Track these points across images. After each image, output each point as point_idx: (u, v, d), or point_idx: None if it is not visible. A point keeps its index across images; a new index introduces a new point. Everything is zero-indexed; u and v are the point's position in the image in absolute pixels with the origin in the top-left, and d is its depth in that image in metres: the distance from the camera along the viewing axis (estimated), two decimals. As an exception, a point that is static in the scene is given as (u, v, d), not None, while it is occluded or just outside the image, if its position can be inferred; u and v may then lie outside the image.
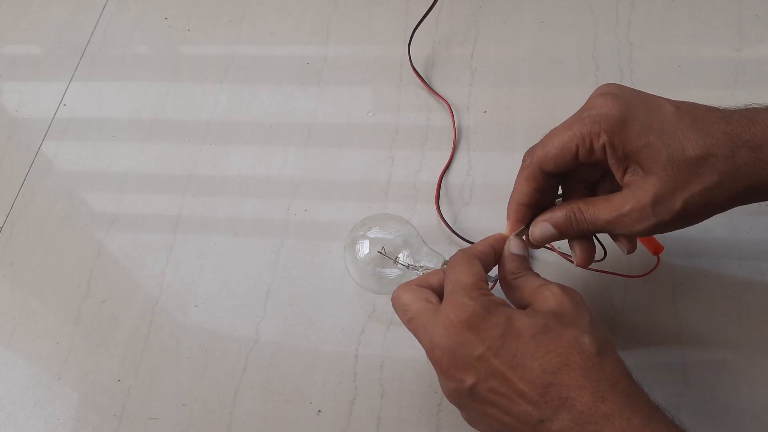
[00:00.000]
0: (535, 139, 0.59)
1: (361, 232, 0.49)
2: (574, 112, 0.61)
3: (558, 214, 0.42)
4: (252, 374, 0.50)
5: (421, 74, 0.63)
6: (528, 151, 0.42)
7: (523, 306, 0.40)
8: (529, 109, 0.60)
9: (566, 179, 0.44)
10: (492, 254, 0.42)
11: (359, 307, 0.52)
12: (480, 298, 0.37)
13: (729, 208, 0.40)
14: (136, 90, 0.66)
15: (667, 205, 0.38)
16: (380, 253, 0.47)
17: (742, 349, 0.47)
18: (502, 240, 0.43)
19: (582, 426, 0.34)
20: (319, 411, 0.48)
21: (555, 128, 0.42)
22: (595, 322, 0.37)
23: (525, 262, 0.42)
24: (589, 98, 0.42)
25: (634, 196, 0.39)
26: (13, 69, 0.70)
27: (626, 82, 0.60)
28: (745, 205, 0.42)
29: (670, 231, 0.40)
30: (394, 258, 0.47)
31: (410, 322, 0.40)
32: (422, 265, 0.47)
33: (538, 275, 0.41)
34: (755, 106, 0.40)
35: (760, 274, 0.50)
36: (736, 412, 0.45)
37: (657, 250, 0.45)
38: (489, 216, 0.54)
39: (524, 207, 0.43)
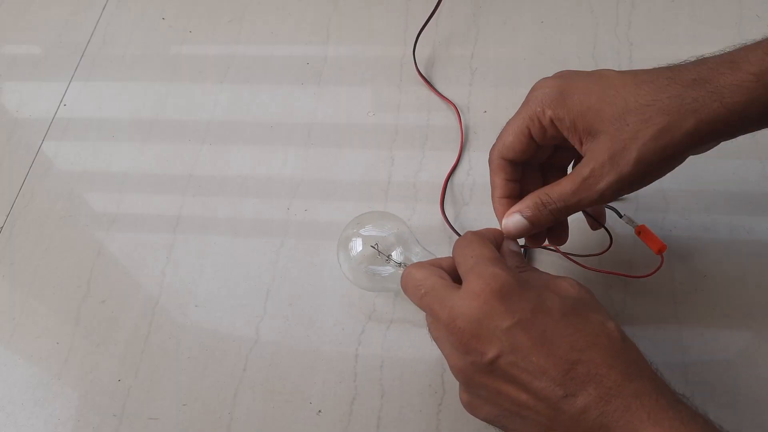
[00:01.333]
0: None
1: (354, 230, 0.49)
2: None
3: (526, 202, 0.42)
4: (252, 374, 0.50)
5: (422, 74, 0.63)
6: (491, 149, 0.44)
7: None
8: (529, 109, 0.60)
9: (543, 167, 0.46)
10: (495, 244, 0.42)
11: (359, 307, 0.52)
12: (510, 270, 0.37)
13: (688, 153, 0.39)
14: (136, 90, 0.66)
15: (624, 156, 0.38)
16: (373, 248, 0.47)
17: (743, 350, 0.47)
18: (500, 234, 0.43)
19: (608, 401, 0.33)
20: (319, 411, 0.48)
21: (508, 120, 0.43)
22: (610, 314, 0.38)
23: (523, 259, 0.43)
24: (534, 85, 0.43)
25: (590, 159, 0.39)
26: (13, 69, 0.70)
27: (626, 82, 0.60)
28: (745, 208, 0.42)
29: (639, 187, 0.40)
30: (386, 255, 0.47)
31: (424, 297, 0.39)
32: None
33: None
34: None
35: (760, 275, 0.50)
36: (736, 413, 0.45)
37: (660, 249, 0.45)
38: (489, 216, 0.54)
39: (505, 200, 0.44)
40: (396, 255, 0.48)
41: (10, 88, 0.68)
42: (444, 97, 0.61)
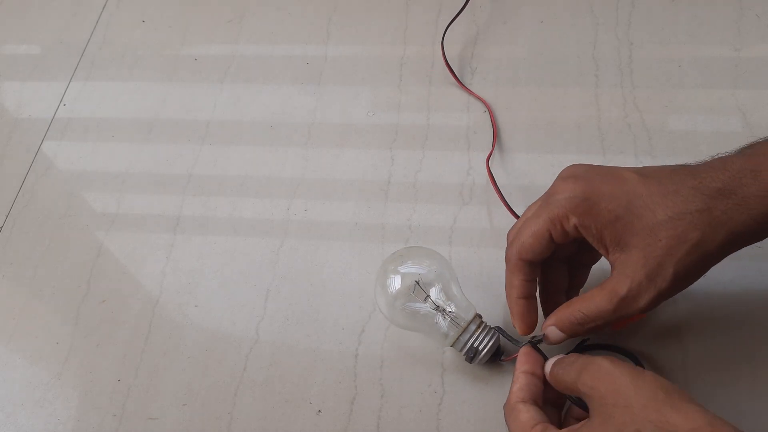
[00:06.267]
0: (535, 139, 0.59)
1: (393, 266, 0.47)
2: (573, 112, 0.61)
3: (563, 320, 0.41)
4: (252, 374, 0.50)
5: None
6: (507, 248, 0.43)
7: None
8: (529, 108, 0.60)
9: (569, 261, 0.45)
10: (533, 380, 0.41)
11: (359, 306, 0.52)
12: None
13: (722, 259, 0.39)
14: (136, 90, 0.66)
15: (661, 273, 0.38)
16: (417, 283, 0.46)
17: (743, 351, 0.47)
18: (531, 356, 0.42)
19: None
20: (319, 411, 0.48)
21: (527, 218, 0.42)
22: (644, 383, 0.35)
23: (560, 363, 0.41)
24: (553, 183, 0.42)
25: (625, 275, 0.39)
26: (13, 69, 0.70)
27: (626, 82, 0.60)
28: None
29: (674, 294, 0.40)
30: (425, 294, 0.46)
31: None
32: (451, 310, 0.45)
33: (577, 357, 0.40)
34: (721, 155, 0.40)
35: (760, 275, 0.50)
36: (736, 414, 0.45)
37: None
38: (489, 216, 0.55)
39: (522, 300, 0.43)
40: (435, 293, 0.46)
41: (10, 88, 0.68)
42: (472, 92, 0.61)
